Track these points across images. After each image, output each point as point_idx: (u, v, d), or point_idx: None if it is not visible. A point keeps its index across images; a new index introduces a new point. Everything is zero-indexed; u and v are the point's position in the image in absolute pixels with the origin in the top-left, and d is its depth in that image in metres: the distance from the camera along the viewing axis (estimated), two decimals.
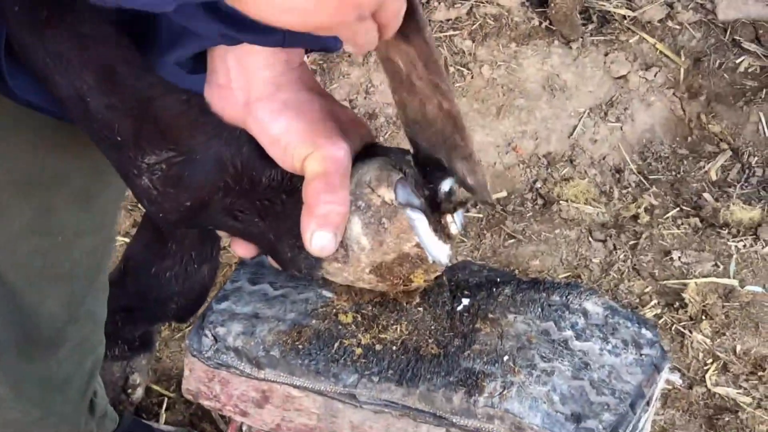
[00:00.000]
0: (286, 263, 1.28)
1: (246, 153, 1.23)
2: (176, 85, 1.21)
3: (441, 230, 1.26)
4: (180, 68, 1.22)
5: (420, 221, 1.23)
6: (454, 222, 1.26)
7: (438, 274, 1.29)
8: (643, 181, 3.33)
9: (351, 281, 1.28)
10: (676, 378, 1.38)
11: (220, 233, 1.31)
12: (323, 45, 1.10)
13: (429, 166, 1.24)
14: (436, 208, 1.25)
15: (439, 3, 3.51)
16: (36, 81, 1.22)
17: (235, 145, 1.22)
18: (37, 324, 1.55)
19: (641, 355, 1.34)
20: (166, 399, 2.57)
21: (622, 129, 3.43)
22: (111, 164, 1.25)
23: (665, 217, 3.18)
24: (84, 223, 1.55)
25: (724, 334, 2.77)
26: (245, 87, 1.18)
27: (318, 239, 1.17)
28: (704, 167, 3.36)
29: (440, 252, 1.27)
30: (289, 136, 1.16)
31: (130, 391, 2.40)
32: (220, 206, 1.25)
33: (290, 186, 1.23)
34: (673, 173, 3.36)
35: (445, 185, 1.25)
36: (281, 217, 1.24)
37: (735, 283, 2.93)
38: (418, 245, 1.23)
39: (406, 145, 1.27)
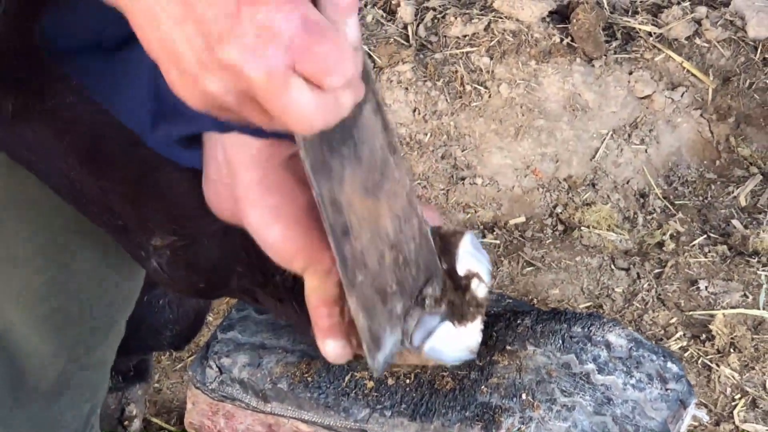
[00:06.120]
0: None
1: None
2: (168, 159, 1.20)
3: (468, 307, 1.18)
4: (174, 143, 1.19)
5: (441, 330, 1.17)
6: (482, 282, 1.17)
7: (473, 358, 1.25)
8: (669, 206, 3.34)
9: None
10: (702, 414, 1.39)
11: None
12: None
13: (441, 238, 1.17)
14: (458, 285, 1.17)
15: (456, 18, 3.53)
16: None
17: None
18: (44, 375, 1.55)
19: (666, 389, 1.35)
20: None
21: (646, 152, 3.44)
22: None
23: (692, 244, 3.18)
24: (106, 280, 1.54)
25: (753, 368, 2.77)
26: (235, 187, 1.15)
27: (331, 348, 1.17)
28: (733, 192, 3.37)
29: (469, 344, 1.20)
30: (285, 246, 1.13)
31: (126, 423, 2.41)
32: (238, 288, 1.26)
33: (300, 295, 1.19)
34: (701, 198, 3.37)
35: (464, 255, 1.16)
36: (298, 323, 1.23)
37: (765, 314, 2.93)
38: (440, 362, 1.19)
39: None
